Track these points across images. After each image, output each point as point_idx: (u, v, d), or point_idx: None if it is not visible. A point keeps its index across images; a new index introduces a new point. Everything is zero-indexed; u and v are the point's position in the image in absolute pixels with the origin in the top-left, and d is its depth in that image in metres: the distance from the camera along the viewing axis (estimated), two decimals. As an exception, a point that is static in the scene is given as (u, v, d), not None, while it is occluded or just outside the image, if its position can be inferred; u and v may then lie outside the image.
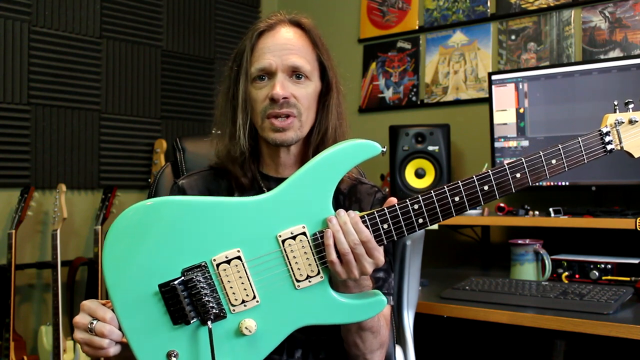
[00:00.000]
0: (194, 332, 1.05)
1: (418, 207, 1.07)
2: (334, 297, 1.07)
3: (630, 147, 1.14)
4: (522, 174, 1.09)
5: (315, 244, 1.06)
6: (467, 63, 2.83)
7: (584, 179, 2.21)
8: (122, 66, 2.94)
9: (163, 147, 2.96)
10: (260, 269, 1.06)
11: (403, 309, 1.57)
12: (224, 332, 1.05)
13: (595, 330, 1.56)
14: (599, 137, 1.12)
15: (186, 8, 3.19)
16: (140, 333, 1.04)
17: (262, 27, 1.27)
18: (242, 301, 1.05)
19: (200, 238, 1.05)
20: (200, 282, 1.04)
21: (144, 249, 1.04)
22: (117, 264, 1.04)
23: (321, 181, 1.06)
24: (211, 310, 1.04)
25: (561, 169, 1.10)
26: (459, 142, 2.75)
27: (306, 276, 1.06)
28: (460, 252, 2.76)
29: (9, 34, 2.59)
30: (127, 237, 1.04)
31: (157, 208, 1.06)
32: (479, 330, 2.17)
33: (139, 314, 1.04)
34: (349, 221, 1.05)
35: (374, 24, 3.13)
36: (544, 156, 1.10)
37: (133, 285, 1.04)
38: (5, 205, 2.63)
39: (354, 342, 1.20)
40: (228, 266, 1.05)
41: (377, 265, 1.07)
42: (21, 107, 2.63)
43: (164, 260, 1.04)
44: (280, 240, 1.05)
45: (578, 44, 2.53)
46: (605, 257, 2.01)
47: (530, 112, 2.33)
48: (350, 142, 1.08)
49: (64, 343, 2.58)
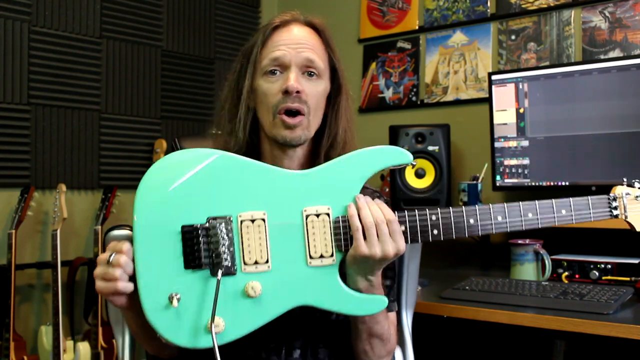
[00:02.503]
0: (201, 280, 1.07)
1: (435, 219, 1.13)
2: (340, 284, 1.10)
3: (633, 219, 1.24)
4: (533, 214, 1.16)
5: (335, 226, 1.10)
6: (467, 63, 2.82)
7: (584, 179, 2.21)
8: (122, 66, 2.94)
9: (163, 147, 2.96)
10: (279, 236, 1.10)
11: (402, 309, 1.57)
12: (230, 289, 1.08)
13: (595, 330, 1.56)
14: (607, 200, 1.22)
15: (186, 8, 3.19)
16: (151, 267, 1.06)
17: (276, 23, 1.26)
18: (255, 262, 1.09)
19: (233, 192, 1.10)
20: (222, 232, 1.07)
21: (180, 188, 1.09)
22: (150, 193, 1.09)
23: (356, 172, 1.12)
24: (224, 262, 1.07)
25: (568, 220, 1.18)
26: (459, 142, 2.75)
27: (320, 255, 1.09)
28: (460, 252, 2.76)
29: (9, 34, 2.59)
30: (169, 171, 1.10)
31: (203, 155, 1.11)
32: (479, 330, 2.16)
33: (155, 249, 1.07)
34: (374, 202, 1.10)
35: (374, 24, 3.13)
36: (555, 205, 1.17)
37: (158, 218, 1.08)
38: (5, 205, 2.63)
39: (363, 349, 1.22)
40: (251, 224, 1.09)
41: (398, 251, 1.09)
42: (21, 107, 2.63)
43: (194, 204, 1.09)
44: (305, 215, 1.10)
45: (578, 44, 2.53)
46: (605, 257, 2.01)
47: (530, 112, 2.33)
48: (392, 146, 1.17)
49: (64, 343, 2.58)
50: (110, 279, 1.06)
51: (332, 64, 1.29)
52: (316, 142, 1.30)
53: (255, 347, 1.23)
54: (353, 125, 1.33)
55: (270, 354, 1.24)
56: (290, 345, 1.24)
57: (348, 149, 1.27)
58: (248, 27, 3.46)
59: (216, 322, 1.06)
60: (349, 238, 1.10)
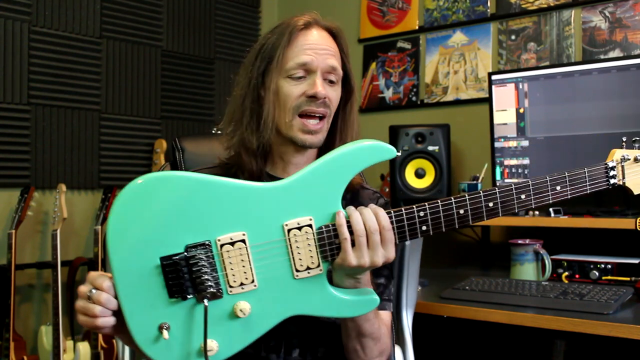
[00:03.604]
0: (188, 308, 1.05)
1: (424, 215, 1.08)
2: (330, 290, 1.08)
3: (631, 183, 1.19)
4: (527, 196, 1.12)
5: (319, 237, 1.06)
6: (467, 63, 2.82)
7: (584, 179, 2.21)
8: (122, 66, 2.94)
9: (163, 147, 2.96)
10: (262, 255, 1.06)
11: (402, 309, 1.57)
12: (218, 311, 1.06)
13: (595, 330, 1.56)
14: (604, 170, 1.17)
15: (186, 8, 3.19)
16: (136, 303, 1.04)
17: (300, 25, 1.26)
18: (241, 284, 1.06)
19: (208, 216, 1.05)
20: (202, 260, 1.04)
21: (150, 220, 1.04)
22: (121, 230, 1.03)
23: (334, 177, 1.07)
24: (209, 288, 1.04)
25: (564, 196, 1.14)
26: (459, 142, 2.75)
27: (306, 267, 1.07)
28: (460, 252, 2.76)
29: (9, 34, 2.59)
30: (134, 205, 1.04)
31: (169, 180, 1.06)
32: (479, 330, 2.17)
33: (137, 284, 1.04)
34: (369, 209, 1.06)
35: (374, 24, 3.13)
36: (550, 181, 1.13)
37: (135, 254, 1.04)
38: (5, 205, 2.63)
39: (353, 348, 1.20)
40: (231, 248, 1.05)
41: (387, 259, 1.06)
42: (21, 107, 2.63)
43: (169, 234, 1.04)
44: (286, 230, 1.06)
45: (578, 44, 2.53)
46: (605, 257, 2.01)
47: (530, 112, 2.33)
48: (368, 142, 1.08)
49: (64, 343, 2.58)
50: (91, 315, 1.04)
51: (345, 69, 1.31)
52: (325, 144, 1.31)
53: (255, 346, 1.23)
54: (359, 127, 1.35)
55: (269, 352, 1.24)
56: (289, 343, 1.25)
57: None
58: (248, 27, 3.46)
59: (210, 345, 1.04)
60: (335, 247, 1.06)
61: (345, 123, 1.32)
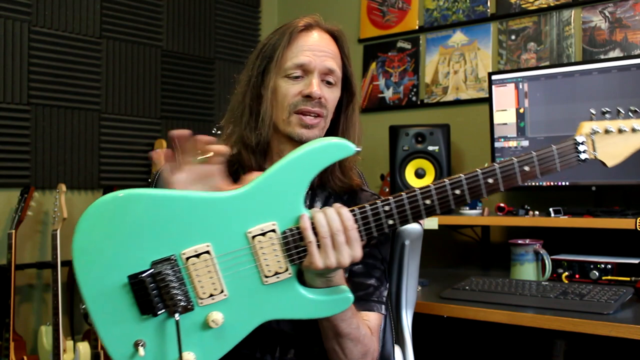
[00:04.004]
0: (161, 323, 1.06)
1: (389, 209, 1.07)
2: (301, 292, 1.08)
3: (603, 156, 1.15)
4: (494, 180, 1.10)
5: (284, 241, 1.06)
6: (467, 63, 2.82)
7: (584, 179, 2.21)
8: (122, 66, 2.94)
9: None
10: (229, 264, 1.06)
11: (402, 309, 1.57)
12: (191, 324, 1.06)
13: (595, 330, 1.56)
14: (573, 146, 1.13)
15: (186, 8, 3.19)
16: (109, 322, 1.05)
17: (301, 26, 1.29)
18: (210, 295, 1.06)
19: (171, 231, 1.05)
20: (169, 275, 1.04)
21: (114, 240, 1.04)
22: (86, 253, 1.04)
23: (294, 179, 1.06)
24: (179, 302, 1.04)
25: (533, 176, 1.12)
26: (459, 142, 2.75)
27: (274, 272, 1.06)
28: (460, 252, 2.76)
29: (9, 34, 2.59)
30: (97, 227, 1.04)
31: (128, 200, 1.05)
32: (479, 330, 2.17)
33: (108, 304, 1.04)
34: (332, 209, 1.05)
35: (374, 24, 3.13)
36: (517, 163, 1.10)
37: (102, 275, 1.04)
38: (5, 205, 2.63)
39: (332, 349, 1.19)
40: (197, 260, 1.05)
41: (354, 258, 1.05)
42: (21, 107, 2.63)
43: (134, 252, 1.04)
44: (250, 237, 1.06)
45: (578, 44, 2.53)
46: (605, 257, 2.01)
47: (531, 112, 2.33)
48: (325, 141, 1.08)
49: (64, 343, 2.58)
50: None
51: (346, 72, 1.33)
52: None
53: (251, 347, 1.24)
54: (361, 129, 1.36)
55: (265, 353, 1.24)
56: (285, 344, 1.25)
57: None
58: (248, 27, 3.46)
59: (187, 358, 1.05)
60: (301, 250, 1.06)
61: (346, 125, 1.34)
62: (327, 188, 1.34)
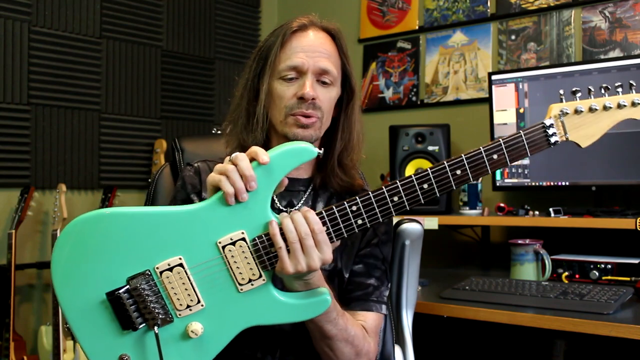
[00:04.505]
0: (142, 336, 1.08)
1: (357, 209, 1.07)
2: (277, 298, 1.09)
3: (576, 137, 1.12)
4: (462, 171, 1.08)
5: (255, 248, 1.06)
6: (467, 63, 2.82)
7: (584, 179, 2.21)
8: (122, 66, 2.94)
9: (163, 147, 2.96)
10: (203, 275, 1.07)
11: (402, 309, 1.57)
12: (171, 335, 1.08)
13: (595, 330, 1.56)
14: (541, 130, 1.10)
15: (186, 8, 3.19)
16: (92, 338, 1.08)
17: (294, 27, 1.28)
18: (187, 306, 1.08)
19: (144, 247, 1.07)
20: (145, 289, 1.06)
21: (90, 259, 1.07)
22: (65, 272, 1.07)
23: (259, 187, 1.06)
24: (157, 316, 1.07)
25: (503, 164, 1.09)
26: (459, 142, 2.75)
27: (248, 280, 1.07)
28: (460, 252, 2.76)
29: (9, 34, 2.59)
30: (73, 248, 1.07)
31: (99, 220, 1.08)
32: (479, 330, 2.17)
33: (89, 321, 1.07)
34: (300, 213, 1.05)
35: (374, 24, 3.13)
36: (485, 152, 1.08)
37: (81, 293, 1.07)
38: (5, 205, 2.63)
39: (322, 350, 1.19)
40: (171, 273, 1.07)
41: (324, 261, 1.06)
42: (21, 107, 2.63)
43: (110, 270, 1.07)
44: (221, 247, 1.07)
45: (578, 44, 2.53)
46: (605, 257, 2.01)
47: (531, 112, 2.33)
48: (286, 147, 1.08)
49: (64, 343, 2.58)
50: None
51: (345, 70, 1.32)
52: (326, 145, 1.32)
53: (252, 347, 1.24)
54: (362, 128, 1.36)
55: (265, 354, 1.24)
56: (285, 346, 1.25)
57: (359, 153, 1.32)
58: (248, 27, 3.46)
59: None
60: (272, 256, 1.06)
61: (346, 124, 1.33)
62: (329, 188, 1.34)
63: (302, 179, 1.34)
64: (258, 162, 1.05)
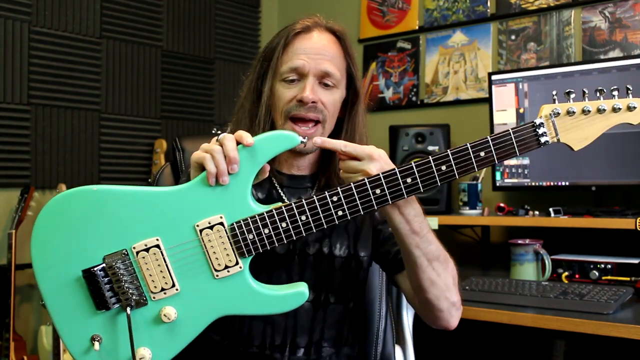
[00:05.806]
0: (115, 317, 1.07)
1: (337, 199, 1.07)
2: (253, 287, 1.08)
3: (568, 139, 1.09)
4: (448, 167, 1.06)
5: (232, 234, 1.06)
6: (467, 63, 2.82)
7: (584, 179, 2.21)
8: (122, 66, 2.94)
9: (163, 147, 2.96)
10: (179, 258, 1.07)
11: (402, 309, 1.57)
12: (144, 318, 1.07)
13: (595, 330, 1.56)
14: (531, 129, 1.07)
15: (186, 8, 3.19)
16: (66, 316, 1.07)
17: (298, 29, 1.27)
18: (162, 289, 1.07)
19: (121, 226, 1.07)
20: (120, 269, 1.06)
21: (68, 235, 1.06)
22: (43, 248, 1.07)
23: (240, 172, 1.06)
24: (131, 297, 1.06)
25: (490, 162, 1.07)
26: (459, 142, 2.73)
27: (224, 266, 1.07)
28: (460, 252, 2.75)
29: (9, 34, 2.59)
30: (52, 224, 1.07)
31: (84, 195, 1.08)
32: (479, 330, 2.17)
33: (64, 298, 1.06)
34: None
35: (374, 24, 3.13)
36: (471, 148, 1.06)
37: (58, 269, 1.06)
38: (5, 205, 2.63)
39: (429, 279, 1.15)
40: (147, 254, 1.06)
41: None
42: (21, 107, 2.63)
43: (87, 247, 1.06)
44: (198, 230, 1.06)
45: (578, 44, 2.53)
46: (605, 257, 2.01)
47: (531, 112, 2.33)
48: (269, 133, 1.09)
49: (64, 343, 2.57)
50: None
51: (350, 71, 1.32)
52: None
53: (260, 344, 1.24)
54: (368, 130, 1.35)
55: (274, 350, 1.24)
56: (294, 342, 1.25)
57: None
58: (248, 27, 3.46)
59: (142, 353, 1.06)
60: (249, 243, 1.06)
61: (350, 125, 1.32)
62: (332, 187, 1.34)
63: (308, 176, 1.34)
64: (243, 145, 1.05)
